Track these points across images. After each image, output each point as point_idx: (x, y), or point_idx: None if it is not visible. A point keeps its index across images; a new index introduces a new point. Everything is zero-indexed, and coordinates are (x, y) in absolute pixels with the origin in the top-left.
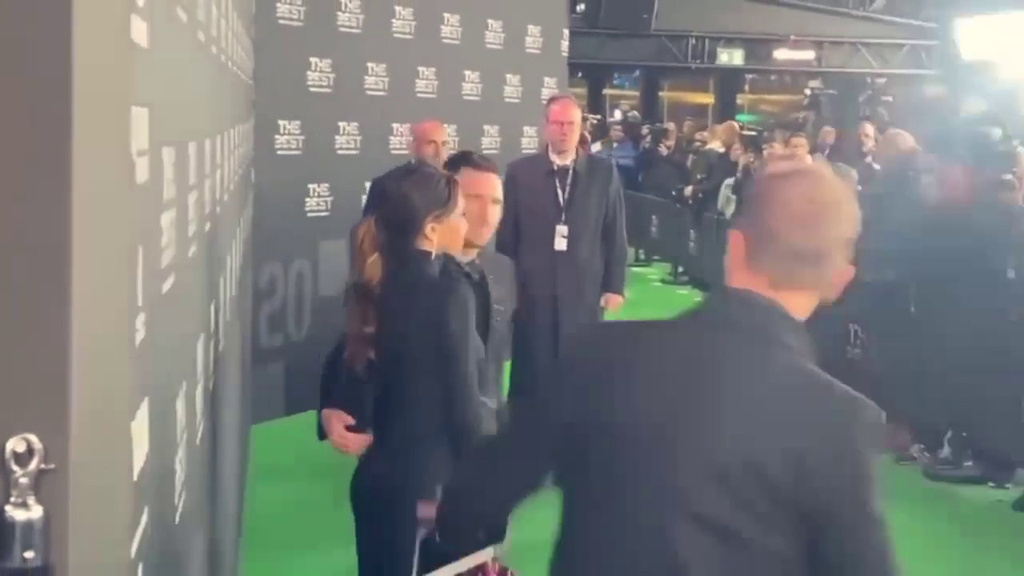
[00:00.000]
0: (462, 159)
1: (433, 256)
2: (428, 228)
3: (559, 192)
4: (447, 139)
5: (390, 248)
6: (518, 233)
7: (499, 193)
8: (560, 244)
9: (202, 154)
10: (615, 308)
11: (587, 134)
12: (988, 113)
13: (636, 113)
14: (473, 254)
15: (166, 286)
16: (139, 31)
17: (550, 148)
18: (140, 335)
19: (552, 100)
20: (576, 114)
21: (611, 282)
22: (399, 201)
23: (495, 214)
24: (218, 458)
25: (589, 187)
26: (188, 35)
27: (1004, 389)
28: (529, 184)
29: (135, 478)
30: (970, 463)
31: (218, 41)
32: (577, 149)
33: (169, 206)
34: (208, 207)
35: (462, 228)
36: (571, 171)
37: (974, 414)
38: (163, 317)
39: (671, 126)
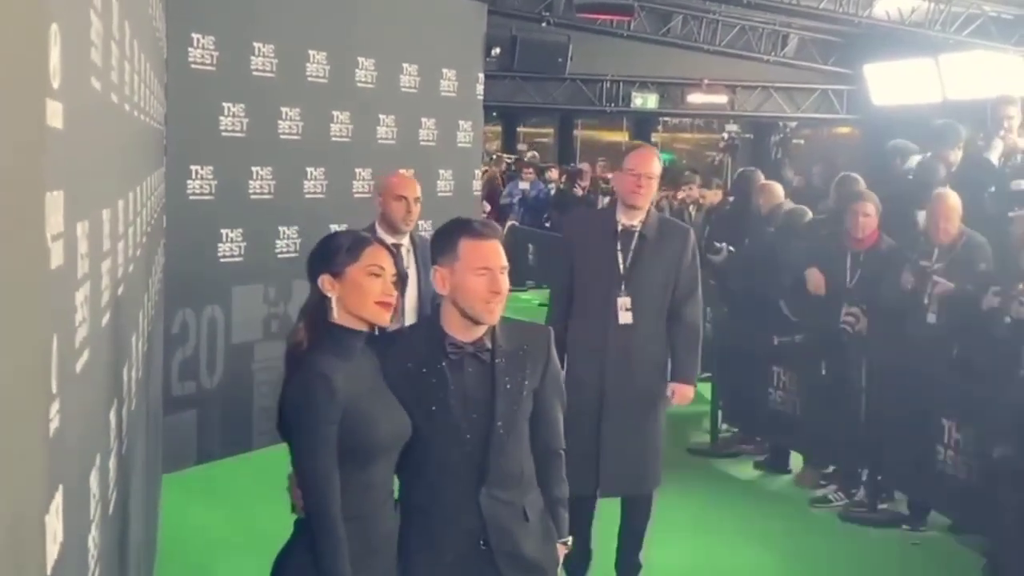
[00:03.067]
0: (460, 227)
1: (336, 316)
2: (324, 283)
3: (619, 257)
4: (419, 195)
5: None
6: (571, 302)
7: (505, 260)
8: (624, 318)
9: (115, 217)
10: (683, 400)
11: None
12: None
13: (535, 154)
14: (480, 332)
15: (79, 365)
16: (54, 113)
17: (619, 204)
18: (54, 424)
19: (631, 148)
20: (657, 167)
21: (678, 369)
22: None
23: (506, 283)
24: (130, 519)
25: (656, 254)
26: (102, 102)
27: (919, 433)
28: (587, 245)
29: (49, 572)
30: (885, 506)
31: (131, 97)
32: (649, 210)
33: (83, 282)
34: (121, 269)
35: (371, 290)
36: (637, 234)
37: (889, 457)
38: (77, 396)
39: (586, 167)
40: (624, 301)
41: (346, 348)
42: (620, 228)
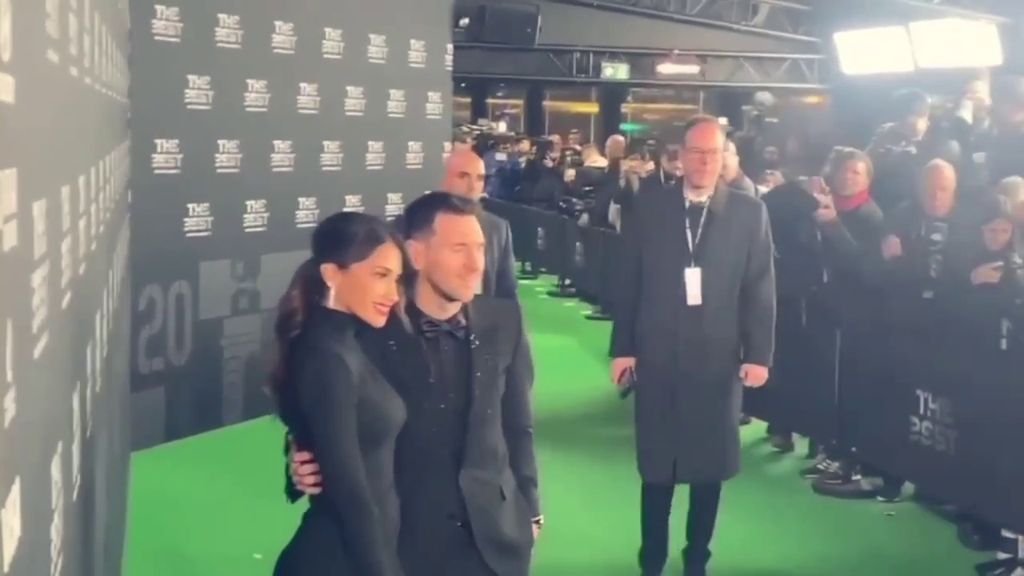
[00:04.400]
0: (437, 202)
1: (330, 305)
2: (327, 272)
3: (689, 235)
4: (481, 172)
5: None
6: (639, 282)
7: (482, 236)
8: (693, 298)
9: (75, 194)
10: (757, 381)
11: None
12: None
13: (493, 125)
14: (455, 309)
15: (38, 350)
16: (5, 87)
17: (685, 181)
18: (10, 414)
19: (692, 123)
20: (719, 140)
21: (752, 349)
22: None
23: (483, 260)
24: (95, 503)
25: (726, 230)
26: (59, 76)
27: (893, 405)
28: (656, 222)
29: (6, 569)
30: (858, 477)
31: (91, 71)
32: (718, 184)
33: (41, 262)
34: (83, 248)
35: (373, 291)
36: (706, 210)
37: (863, 429)
38: (35, 383)
39: (556, 138)
40: (693, 280)
41: (342, 333)
42: (688, 204)
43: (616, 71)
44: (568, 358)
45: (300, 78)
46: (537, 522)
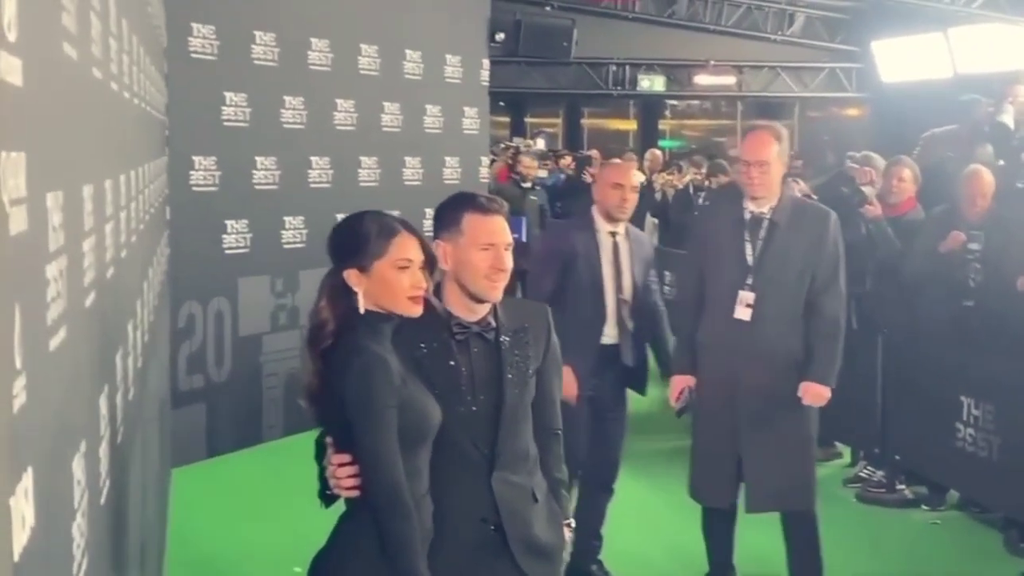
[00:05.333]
0: (465, 201)
1: (362, 310)
2: (351, 277)
3: (747, 248)
4: (636, 184)
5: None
6: (701, 298)
7: (510, 236)
8: (742, 313)
9: (101, 196)
10: (815, 401)
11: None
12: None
13: (531, 142)
14: (484, 311)
15: (54, 343)
16: (10, 68)
17: (745, 192)
18: (19, 401)
19: (747, 134)
20: (771, 151)
21: (811, 366)
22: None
23: (511, 261)
24: (128, 512)
25: (790, 242)
26: (79, 73)
27: (937, 411)
28: (716, 234)
29: (16, 558)
30: (903, 486)
31: (119, 77)
32: (783, 194)
33: (57, 255)
34: (111, 252)
35: (400, 285)
36: (767, 221)
37: (906, 436)
38: (51, 376)
39: (595, 153)
40: (746, 296)
41: (380, 333)
42: (749, 216)
43: (652, 83)
44: None
45: (337, 94)
46: (568, 525)
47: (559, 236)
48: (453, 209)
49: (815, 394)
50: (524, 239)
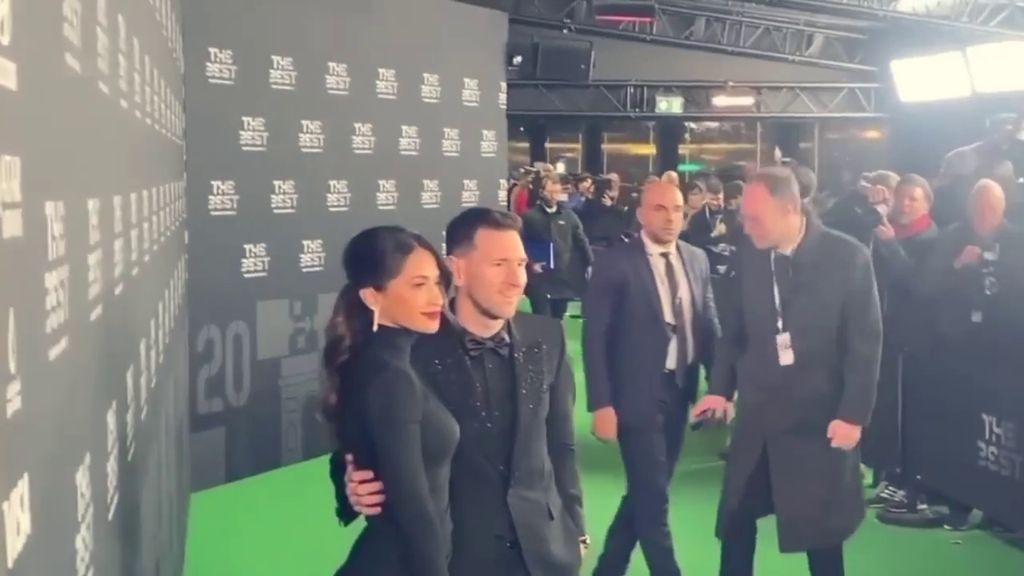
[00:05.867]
0: (478, 216)
1: (375, 327)
2: (367, 296)
3: (775, 290)
4: (679, 203)
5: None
6: (740, 335)
7: (523, 252)
8: (786, 358)
9: (108, 212)
10: (844, 442)
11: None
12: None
13: (549, 167)
14: (497, 326)
15: (54, 352)
16: (5, 72)
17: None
18: (13, 406)
19: (745, 187)
20: (766, 203)
21: (842, 405)
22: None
23: (524, 276)
24: (140, 531)
25: (817, 281)
26: (84, 86)
27: (958, 430)
28: (748, 277)
29: (10, 564)
30: (924, 506)
31: (130, 95)
32: (809, 231)
33: (57, 265)
34: (120, 268)
35: (416, 301)
36: (791, 262)
37: (927, 455)
38: (51, 385)
39: (614, 176)
40: (783, 339)
41: (398, 349)
42: (774, 257)
43: (671, 104)
44: None
45: (355, 118)
46: (583, 541)
47: (609, 265)
48: (466, 224)
49: (844, 435)
50: (551, 265)
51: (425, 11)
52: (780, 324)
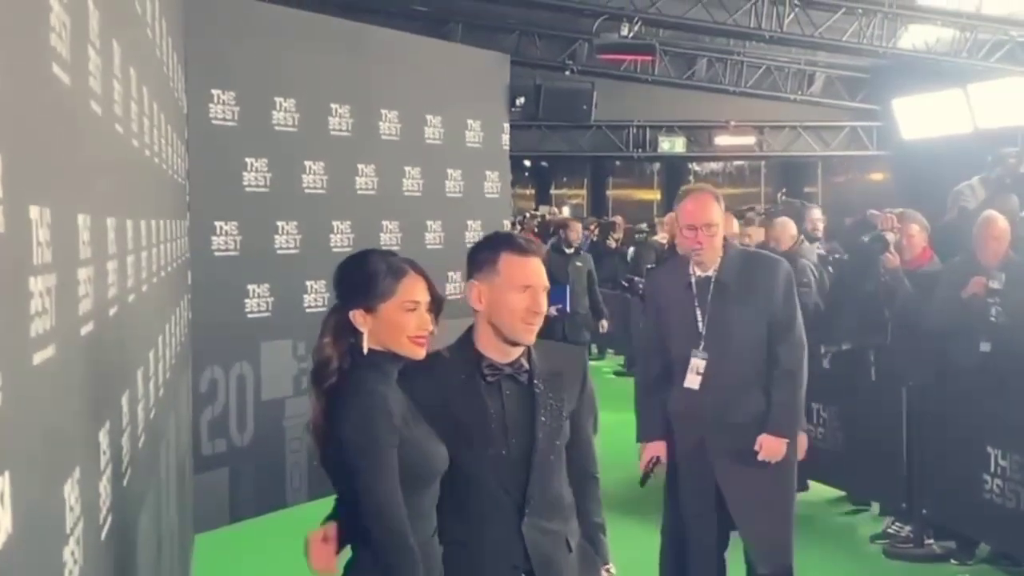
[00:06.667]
0: (502, 242)
1: (365, 350)
2: (357, 317)
3: (698, 313)
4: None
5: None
6: (660, 363)
7: (546, 279)
8: (691, 381)
9: (101, 231)
10: (771, 456)
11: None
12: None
13: (553, 210)
14: (517, 353)
15: (39, 357)
16: None
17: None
18: None
19: (682, 196)
20: (716, 213)
21: (769, 419)
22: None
23: (546, 303)
24: (137, 558)
25: (741, 300)
26: (72, 99)
27: (963, 463)
28: (668, 302)
29: None
30: (931, 541)
31: (126, 122)
32: (727, 250)
33: (43, 271)
34: (115, 291)
35: (405, 326)
36: (713, 283)
37: (933, 489)
38: (35, 388)
39: (618, 219)
40: (696, 363)
41: (384, 373)
42: (695, 279)
43: (673, 144)
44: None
45: (358, 159)
46: (608, 570)
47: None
48: (490, 249)
49: (770, 448)
50: (568, 308)
51: (427, 53)
52: (702, 347)
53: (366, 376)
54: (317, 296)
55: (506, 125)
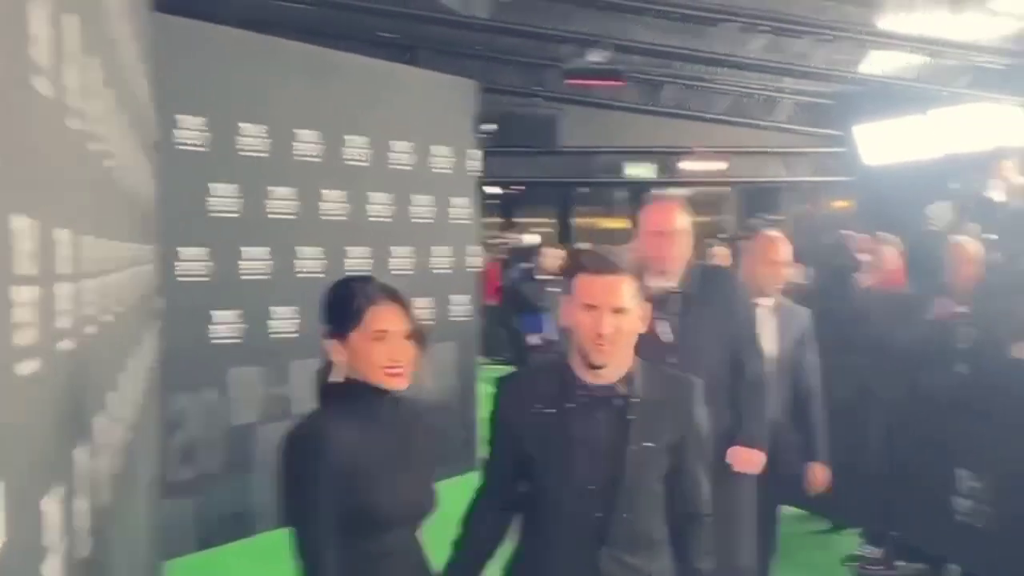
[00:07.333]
0: (580, 261)
1: (331, 379)
2: (331, 349)
3: (661, 326)
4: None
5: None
6: None
7: (623, 300)
8: None
9: (79, 248)
10: (747, 468)
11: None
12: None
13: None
14: (609, 375)
15: (23, 368)
16: None
17: (648, 268)
18: None
19: (649, 201)
20: (683, 220)
21: (740, 430)
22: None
23: (610, 325)
24: None
25: (705, 313)
26: (51, 112)
27: (934, 484)
28: None
29: None
30: (902, 563)
31: (100, 139)
32: (689, 264)
33: (26, 283)
34: (92, 309)
35: (375, 357)
36: (678, 296)
37: (903, 511)
38: (17, 401)
39: (588, 247)
40: None
41: (359, 404)
42: (655, 293)
43: (641, 170)
44: None
45: (324, 184)
46: None
47: None
48: (572, 267)
49: (745, 459)
50: (547, 336)
51: (395, 79)
52: (674, 360)
53: (322, 410)
54: (284, 322)
55: (474, 151)
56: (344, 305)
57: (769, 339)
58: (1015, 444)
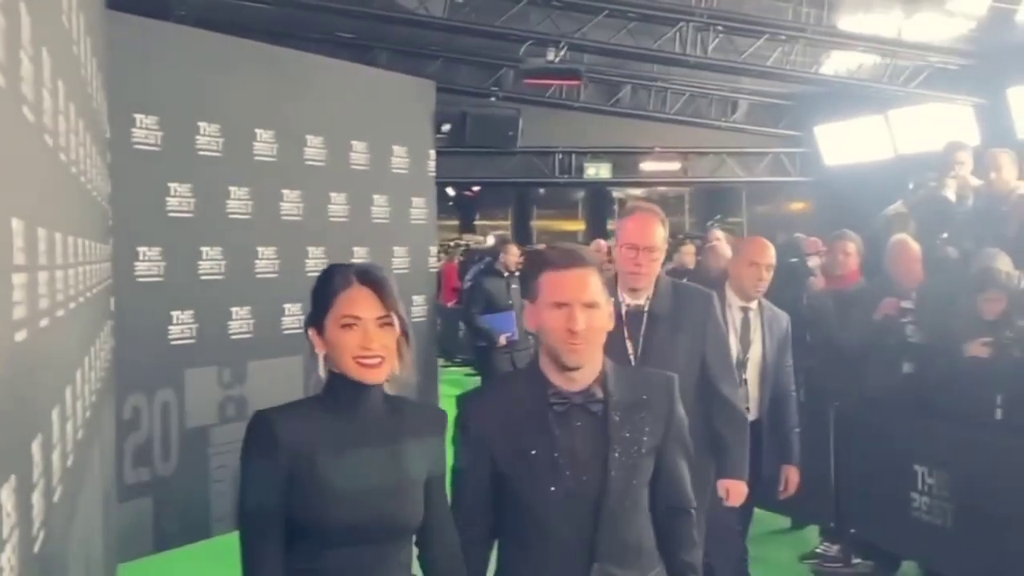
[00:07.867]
0: (542, 260)
1: (321, 371)
2: (313, 339)
3: (628, 345)
4: (772, 262)
5: None
6: None
7: (593, 295)
8: None
9: (33, 240)
10: (737, 501)
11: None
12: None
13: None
14: (584, 379)
15: None
16: None
17: (619, 281)
18: None
19: (627, 214)
20: (659, 237)
21: (727, 463)
22: None
23: (582, 321)
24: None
25: (674, 332)
26: (5, 102)
27: (890, 481)
28: None
29: None
30: (858, 560)
31: (55, 134)
32: (658, 281)
33: None
34: (46, 303)
35: (345, 345)
36: (646, 314)
37: (861, 508)
38: None
39: (543, 248)
40: None
41: (340, 399)
42: (625, 310)
43: (599, 170)
44: None
45: (283, 185)
46: None
47: None
48: (533, 268)
49: (737, 492)
50: (516, 336)
51: (352, 79)
52: None
53: (284, 405)
54: (242, 323)
55: (432, 152)
56: (318, 290)
57: (755, 342)
58: (971, 440)
